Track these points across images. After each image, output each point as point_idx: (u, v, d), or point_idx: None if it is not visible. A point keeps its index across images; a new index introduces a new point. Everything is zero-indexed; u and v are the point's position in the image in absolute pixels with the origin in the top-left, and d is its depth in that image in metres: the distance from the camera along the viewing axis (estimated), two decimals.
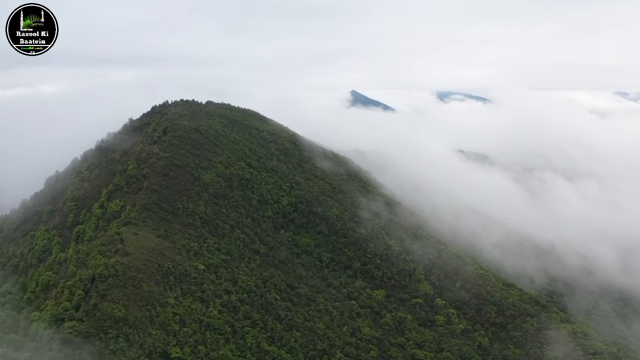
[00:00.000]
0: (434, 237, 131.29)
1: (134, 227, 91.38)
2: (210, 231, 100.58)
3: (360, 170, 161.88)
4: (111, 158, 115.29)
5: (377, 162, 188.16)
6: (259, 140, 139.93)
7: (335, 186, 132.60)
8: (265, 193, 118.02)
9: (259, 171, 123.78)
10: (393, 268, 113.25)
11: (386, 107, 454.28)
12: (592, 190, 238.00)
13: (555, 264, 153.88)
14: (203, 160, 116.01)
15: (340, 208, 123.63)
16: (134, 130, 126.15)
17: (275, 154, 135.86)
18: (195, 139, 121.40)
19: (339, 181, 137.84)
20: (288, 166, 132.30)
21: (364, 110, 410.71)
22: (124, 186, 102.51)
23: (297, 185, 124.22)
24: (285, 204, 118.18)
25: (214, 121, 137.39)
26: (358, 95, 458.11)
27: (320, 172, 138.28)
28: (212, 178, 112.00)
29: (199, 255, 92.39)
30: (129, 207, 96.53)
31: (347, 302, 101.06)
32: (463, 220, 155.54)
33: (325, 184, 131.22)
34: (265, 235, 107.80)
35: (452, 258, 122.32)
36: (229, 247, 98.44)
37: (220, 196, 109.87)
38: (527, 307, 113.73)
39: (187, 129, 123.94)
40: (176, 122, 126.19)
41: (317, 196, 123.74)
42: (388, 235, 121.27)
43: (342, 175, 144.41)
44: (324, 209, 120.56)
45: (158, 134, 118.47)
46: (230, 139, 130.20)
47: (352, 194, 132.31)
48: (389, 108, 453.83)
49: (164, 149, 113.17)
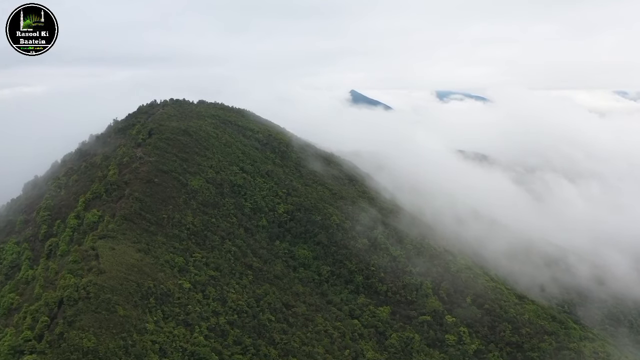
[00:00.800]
0: (441, 246, 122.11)
1: (112, 241, 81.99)
2: (198, 244, 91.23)
3: (361, 174, 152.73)
4: (91, 163, 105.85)
5: (377, 163, 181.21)
6: (254, 143, 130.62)
7: (336, 192, 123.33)
8: (260, 200, 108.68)
9: (253, 176, 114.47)
10: (398, 282, 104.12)
11: (385, 106, 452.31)
12: (595, 192, 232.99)
13: (565, 272, 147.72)
14: (191, 165, 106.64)
15: (341, 216, 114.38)
16: (118, 132, 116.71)
17: (270, 158, 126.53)
18: (183, 141, 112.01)
19: (339, 186, 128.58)
20: (285, 171, 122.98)
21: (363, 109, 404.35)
22: (103, 194, 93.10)
23: (295, 192, 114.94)
24: (281, 212, 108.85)
25: (204, 122, 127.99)
26: (357, 95, 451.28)
27: (320, 176, 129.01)
28: (201, 184, 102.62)
29: (184, 272, 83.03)
30: (107, 218, 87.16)
31: (349, 321, 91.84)
32: (467, 226, 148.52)
33: (325, 190, 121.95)
34: (259, 247, 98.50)
35: (462, 270, 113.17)
36: (219, 261, 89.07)
37: (210, 204, 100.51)
38: (544, 324, 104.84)
39: (175, 130, 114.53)
40: (163, 123, 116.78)
41: (316, 203, 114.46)
42: (392, 246, 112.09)
43: (343, 179, 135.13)
44: (323, 217, 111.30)
45: (143, 136, 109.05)
46: (222, 142, 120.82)
47: (353, 201, 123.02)
48: (388, 107, 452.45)
49: (148, 153, 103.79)
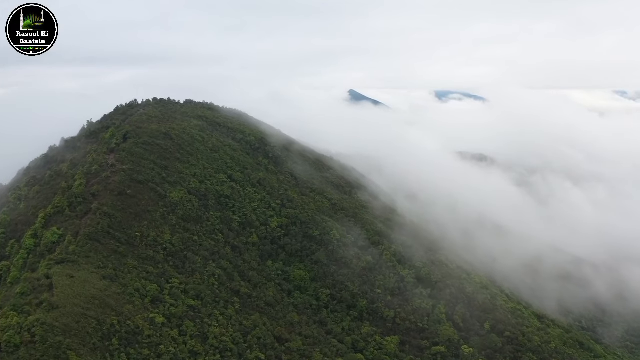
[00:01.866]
0: (452, 262, 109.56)
1: (71, 266, 69.04)
2: (176, 266, 78.29)
3: (362, 180, 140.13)
4: (57, 171, 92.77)
5: (377, 167, 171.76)
6: (245, 147, 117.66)
7: (336, 202, 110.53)
8: (250, 213, 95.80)
9: (243, 186, 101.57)
10: (407, 306, 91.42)
11: (384, 106, 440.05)
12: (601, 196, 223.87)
13: (581, 284, 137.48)
14: (172, 174, 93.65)
15: (342, 230, 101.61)
16: (89, 136, 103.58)
17: (263, 164, 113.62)
18: (163, 146, 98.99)
19: (339, 196, 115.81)
20: (279, 178, 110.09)
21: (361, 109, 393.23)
22: (67, 209, 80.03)
23: (290, 203, 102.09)
24: (275, 227, 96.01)
25: (190, 124, 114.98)
26: (356, 95, 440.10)
27: (318, 184, 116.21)
28: (182, 196, 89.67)
29: (157, 302, 70.08)
30: (69, 237, 74.11)
31: (352, 356, 79.01)
32: (475, 235, 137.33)
33: (324, 200, 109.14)
34: (249, 269, 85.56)
35: (478, 290, 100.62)
36: (200, 287, 76.12)
37: (192, 219, 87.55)
38: (571, 353, 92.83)
39: (155, 133, 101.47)
40: (141, 126, 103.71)
41: (314, 216, 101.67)
42: (400, 263, 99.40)
43: (343, 187, 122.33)
44: (322, 231, 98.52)
45: (117, 141, 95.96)
46: (209, 146, 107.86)
47: (355, 212, 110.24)
48: (387, 107, 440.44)
49: (122, 160, 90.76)
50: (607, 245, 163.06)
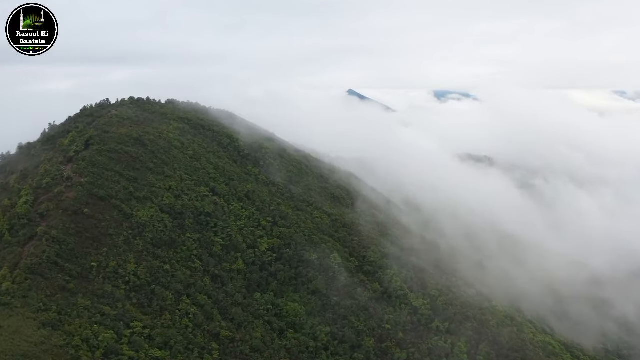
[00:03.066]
0: (471, 286, 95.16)
1: (3, 310, 53.99)
2: (141, 304, 63.23)
3: (364, 189, 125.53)
4: (3, 184, 77.42)
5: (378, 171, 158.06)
6: (232, 154, 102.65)
7: (337, 218, 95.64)
8: (236, 234, 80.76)
9: (228, 200, 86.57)
10: (422, 344, 76.81)
11: (383, 106, 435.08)
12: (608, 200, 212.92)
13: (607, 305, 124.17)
14: (142, 187, 78.48)
15: (345, 252, 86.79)
16: (47, 142, 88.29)
17: (253, 173, 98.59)
18: (133, 154, 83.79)
19: (341, 209, 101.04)
20: (271, 190, 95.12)
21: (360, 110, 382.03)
22: (6, 233, 64.80)
23: (283, 220, 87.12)
24: (265, 250, 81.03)
25: (168, 127, 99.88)
26: (355, 94, 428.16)
27: (316, 196, 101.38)
28: (152, 215, 74.54)
29: (112, 356, 54.99)
30: (4, 271, 58.96)
31: None
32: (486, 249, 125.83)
33: (323, 216, 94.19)
34: (232, 304, 70.51)
35: (503, 322, 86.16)
36: (169, 332, 61.07)
37: (164, 244, 72.44)
38: None
39: (123, 139, 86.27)
40: (109, 130, 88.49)
41: (312, 235, 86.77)
42: (412, 292, 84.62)
43: (345, 199, 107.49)
44: (321, 254, 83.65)
45: (77, 147, 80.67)
46: (189, 153, 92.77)
47: (359, 229, 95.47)
48: (386, 107, 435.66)
49: (80, 171, 75.53)
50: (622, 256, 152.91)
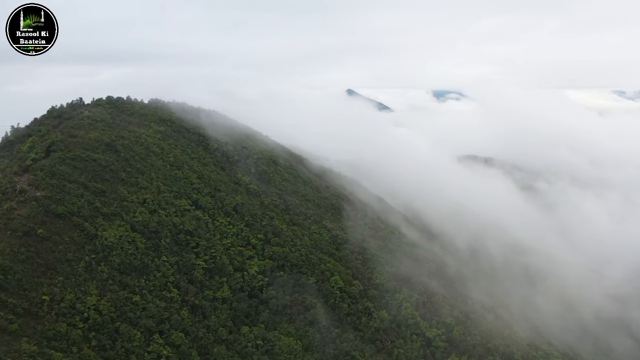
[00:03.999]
0: (490, 310, 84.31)
1: None
2: (101, 348, 51.90)
3: (366, 196, 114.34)
4: None
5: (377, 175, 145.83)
6: (220, 160, 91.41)
7: (338, 233, 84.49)
8: (221, 255, 69.52)
9: (213, 215, 75.32)
10: None
11: (381, 105, 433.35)
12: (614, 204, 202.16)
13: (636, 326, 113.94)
14: (110, 201, 67.13)
15: (347, 274, 75.65)
16: (4, 148, 76.54)
17: (243, 183, 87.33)
18: (103, 162, 72.38)
19: (342, 222, 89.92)
20: (263, 202, 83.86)
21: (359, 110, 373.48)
22: None
23: (277, 237, 75.92)
24: (255, 273, 69.86)
25: (148, 131, 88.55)
26: (354, 94, 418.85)
27: (314, 208, 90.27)
28: (121, 234, 63.22)
29: None
30: None
31: None
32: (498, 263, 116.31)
33: (322, 231, 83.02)
34: (214, 341, 59.26)
35: (528, 353, 75.30)
36: None
37: (134, 269, 61.16)
38: None
39: (92, 144, 74.83)
40: (76, 134, 77.03)
41: (309, 254, 75.61)
42: (425, 319, 73.58)
43: (346, 210, 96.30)
44: (319, 277, 72.55)
45: (36, 154, 69.23)
46: (169, 160, 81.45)
47: (363, 245, 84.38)
48: (384, 107, 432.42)
49: (37, 183, 64.11)
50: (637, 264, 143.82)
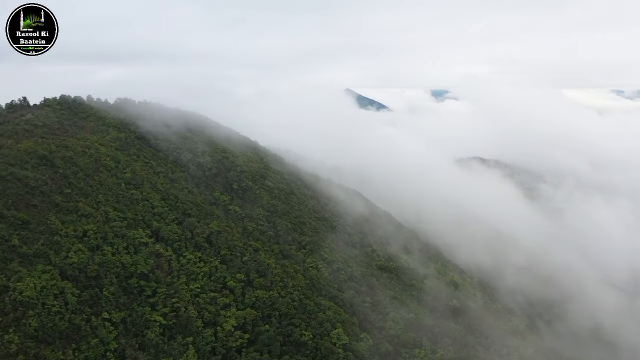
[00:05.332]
0: None
1: None
2: None
3: (374, 214, 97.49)
4: None
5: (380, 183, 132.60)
6: (195, 175, 74.27)
7: (339, 267, 67.48)
8: (186, 305, 52.32)
9: (179, 249, 58.14)
10: None
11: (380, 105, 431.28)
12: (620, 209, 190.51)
13: None
14: (34, 236, 49.84)
15: (353, 323, 58.62)
16: None
17: (222, 203, 70.23)
18: (31, 181, 55.07)
19: (346, 251, 72.81)
20: (247, 228, 66.75)
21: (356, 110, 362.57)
22: None
23: (262, 277, 58.83)
24: (232, 329, 52.77)
25: (103, 137, 71.39)
26: (352, 94, 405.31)
27: (311, 231, 73.16)
28: (44, 285, 45.93)
29: None
30: None
31: None
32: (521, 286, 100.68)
33: (321, 264, 65.93)
34: None
35: None
36: None
37: (59, 335, 43.94)
38: None
39: (20, 157, 57.48)
40: (2, 143, 59.70)
41: (303, 299, 58.54)
42: None
43: (350, 233, 79.15)
44: (317, 330, 55.49)
45: None
46: (125, 177, 64.20)
47: (371, 282, 67.30)
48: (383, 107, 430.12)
49: None
50: None
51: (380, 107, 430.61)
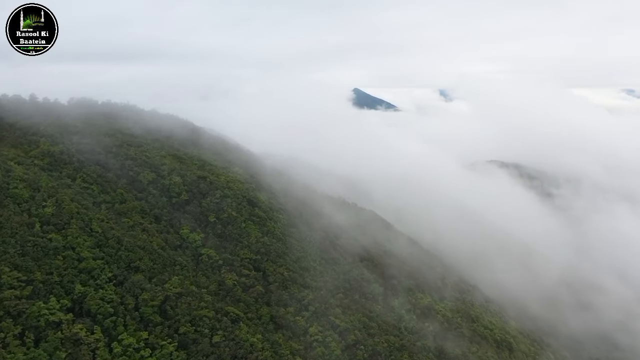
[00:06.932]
0: None
1: None
2: None
3: (394, 241, 77.08)
4: None
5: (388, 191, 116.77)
6: (155, 203, 54.01)
7: (358, 341, 47.14)
8: None
9: (112, 330, 37.97)
10: None
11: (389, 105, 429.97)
12: None
13: None
14: None
15: None
16: None
17: (191, 245, 49.91)
18: None
19: (364, 310, 52.41)
20: (224, 284, 46.49)
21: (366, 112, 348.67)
22: None
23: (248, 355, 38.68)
24: None
25: (29, 151, 51.42)
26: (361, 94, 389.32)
27: (314, 285, 52.83)
28: None
29: None
30: None
31: None
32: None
33: (330, 338, 45.71)
34: None
35: None
36: None
37: None
38: None
39: None
40: None
41: None
42: None
43: (366, 280, 58.64)
44: None
45: None
46: (42, 214, 43.80)
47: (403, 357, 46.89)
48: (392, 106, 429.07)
49: None
50: None
51: (388, 106, 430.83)
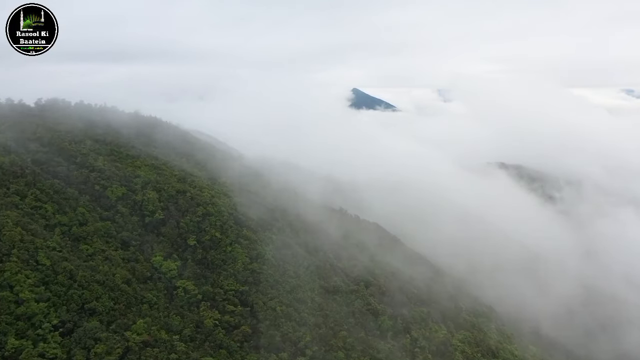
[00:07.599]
0: None
1: None
2: None
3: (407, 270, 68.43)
4: None
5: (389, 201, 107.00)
6: (124, 225, 45.48)
7: None
8: None
9: None
10: None
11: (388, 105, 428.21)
12: None
13: None
14: None
15: None
16: None
17: (165, 276, 41.42)
18: None
19: (375, 351, 44.08)
20: (202, 325, 38.13)
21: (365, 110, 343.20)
22: None
23: None
24: None
25: None
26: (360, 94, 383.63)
27: (311, 321, 44.49)
28: None
29: None
30: None
31: None
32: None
33: None
34: None
35: None
36: None
37: None
38: None
39: None
40: None
41: None
42: None
43: (377, 310, 50.32)
44: None
45: None
46: None
47: None
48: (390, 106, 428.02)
49: None
50: None
51: (387, 106, 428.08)
